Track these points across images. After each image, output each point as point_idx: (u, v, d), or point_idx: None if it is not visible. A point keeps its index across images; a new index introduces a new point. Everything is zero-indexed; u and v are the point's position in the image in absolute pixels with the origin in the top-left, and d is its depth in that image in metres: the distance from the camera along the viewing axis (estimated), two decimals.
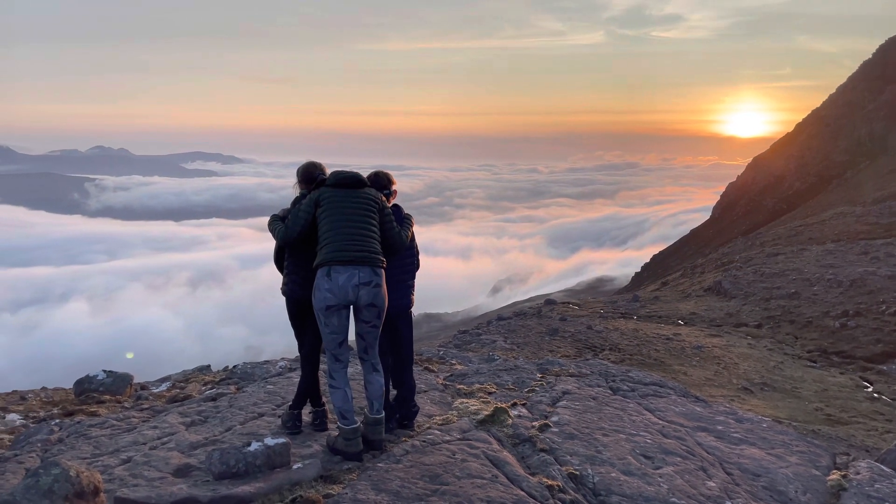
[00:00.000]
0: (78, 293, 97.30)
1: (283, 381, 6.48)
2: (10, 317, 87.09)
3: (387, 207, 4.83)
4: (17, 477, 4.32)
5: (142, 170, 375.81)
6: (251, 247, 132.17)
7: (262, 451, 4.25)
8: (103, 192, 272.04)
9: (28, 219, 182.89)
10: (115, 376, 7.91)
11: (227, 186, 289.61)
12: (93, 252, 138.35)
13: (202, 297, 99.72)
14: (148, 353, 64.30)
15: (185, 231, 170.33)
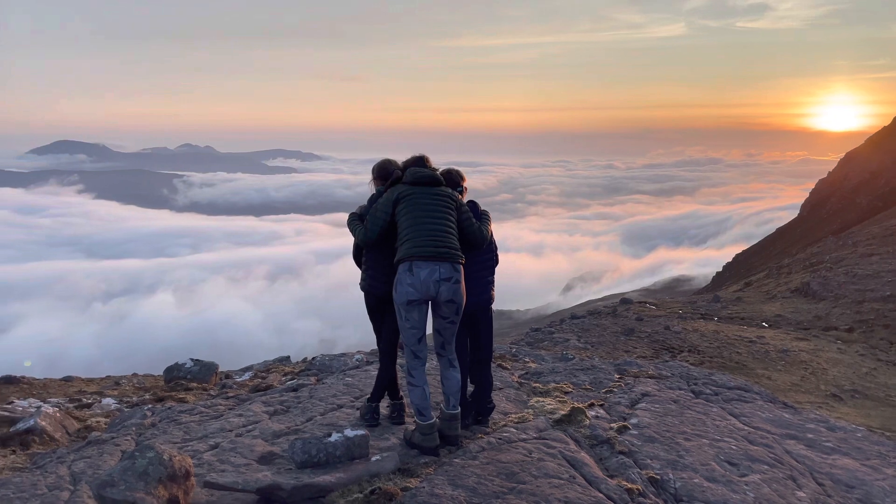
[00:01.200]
0: (164, 285, 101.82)
1: (361, 373, 6.60)
2: (102, 306, 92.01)
3: (464, 204, 4.85)
4: (113, 458, 4.56)
5: (226, 167, 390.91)
6: (327, 242, 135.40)
7: (343, 442, 4.34)
8: (190, 188, 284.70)
9: (120, 213, 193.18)
10: (201, 365, 8.26)
11: (306, 183, 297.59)
12: (179, 245, 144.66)
13: (279, 291, 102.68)
14: (228, 344, 66.69)
15: (264, 226, 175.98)
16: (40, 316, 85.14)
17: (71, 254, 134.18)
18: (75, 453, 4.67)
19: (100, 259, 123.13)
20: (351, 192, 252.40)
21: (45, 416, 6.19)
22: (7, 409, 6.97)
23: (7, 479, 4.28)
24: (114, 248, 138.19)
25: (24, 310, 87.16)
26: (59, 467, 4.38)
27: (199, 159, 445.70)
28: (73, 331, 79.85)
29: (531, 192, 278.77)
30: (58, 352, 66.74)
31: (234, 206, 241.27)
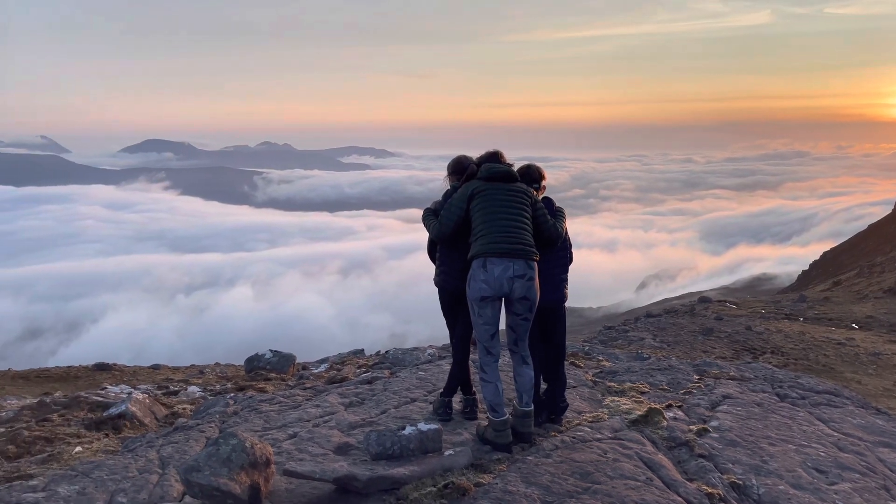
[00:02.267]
0: (243, 278, 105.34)
1: (434, 368, 6.64)
2: (185, 298, 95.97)
3: (539, 201, 4.80)
4: (199, 444, 4.76)
5: (303, 163, 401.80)
6: (398, 237, 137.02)
7: (416, 435, 4.37)
8: (269, 184, 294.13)
9: (203, 209, 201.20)
10: (280, 356, 8.53)
11: (379, 179, 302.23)
12: (256, 240, 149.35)
13: (352, 285, 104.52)
14: (302, 337, 68.35)
15: (338, 222, 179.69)
16: (128, 307, 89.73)
17: (157, 248, 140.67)
18: (163, 438, 4.89)
19: (183, 253, 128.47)
20: (422, 188, 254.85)
21: (135, 401, 6.52)
22: (100, 395, 7.39)
23: (101, 461, 4.52)
24: (196, 243, 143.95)
25: (113, 301, 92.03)
26: (149, 451, 4.60)
27: (277, 157, 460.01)
28: (157, 321, 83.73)
29: (605, 188, 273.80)
30: (143, 341, 70.17)
31: (310, 203, 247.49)
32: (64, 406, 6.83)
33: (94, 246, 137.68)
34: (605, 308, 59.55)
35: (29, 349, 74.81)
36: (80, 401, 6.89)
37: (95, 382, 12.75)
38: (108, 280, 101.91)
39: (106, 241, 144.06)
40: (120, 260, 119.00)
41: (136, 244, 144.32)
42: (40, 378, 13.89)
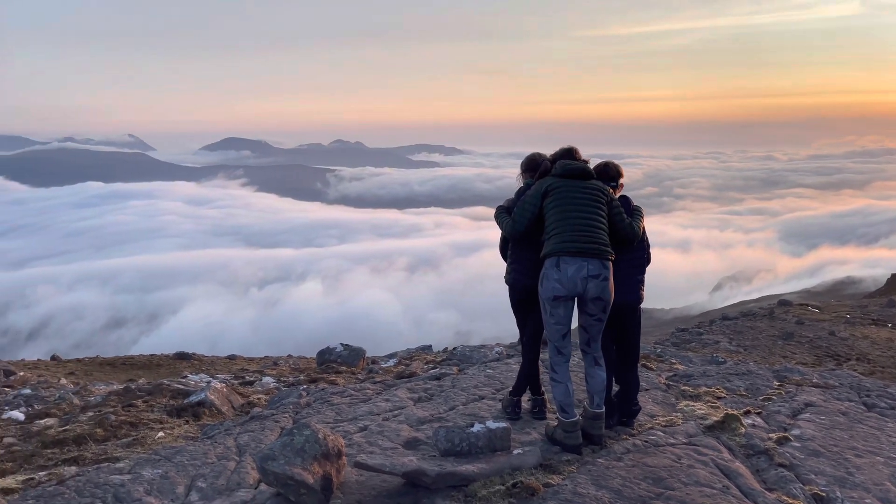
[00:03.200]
0: (313, 273, 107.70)
1: (502, 366, 6.62)
2: (258, 292, 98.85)
3: (615, 199, 4.69)
4: (273, 434, 4.90)
5: (374, 161, 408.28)
6: (465, 235, 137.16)
7: (485, 433, 4.37)
8: (341, 181, 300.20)
9: (278, 205, 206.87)
10: (350, 350, 8.68)
11: (448, 177, 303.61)
12: (327, 237, 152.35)
13: (418, 282, 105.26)
14: (369, 332, 69.30)
15: (406, 219, 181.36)
16: (205, 299, 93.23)
17: (232, 243, 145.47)
18: (240, 427, 5.06)
19: (257, 248, 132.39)
20: (491, 185, 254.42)
21: (214, 390, 6.77)
22: (181, 383, 7.71)
23: (182, 447, 4.72)
24: (270, 238, 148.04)
25: (191, 293, 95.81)
26: (227, 439, 4.77)
27: (349, 154, 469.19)
28: (232, 314, 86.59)
29: (679, 186, 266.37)
30: (219, 332, 72.73)
31: (380, 200, 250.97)
32: (148, 393, 7.17)
33: (174, 240, 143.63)
34: (677, 310, 57.92)
35: (113, 338, 78.85)
36: (163, 388, 7.21)
37: (176, 371, 13.34)
38: (187, 273, 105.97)
39: (186, 236, 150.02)
40: (198, 254, 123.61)
41: (214, 239, 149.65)
42: (125, 365, 14.63)
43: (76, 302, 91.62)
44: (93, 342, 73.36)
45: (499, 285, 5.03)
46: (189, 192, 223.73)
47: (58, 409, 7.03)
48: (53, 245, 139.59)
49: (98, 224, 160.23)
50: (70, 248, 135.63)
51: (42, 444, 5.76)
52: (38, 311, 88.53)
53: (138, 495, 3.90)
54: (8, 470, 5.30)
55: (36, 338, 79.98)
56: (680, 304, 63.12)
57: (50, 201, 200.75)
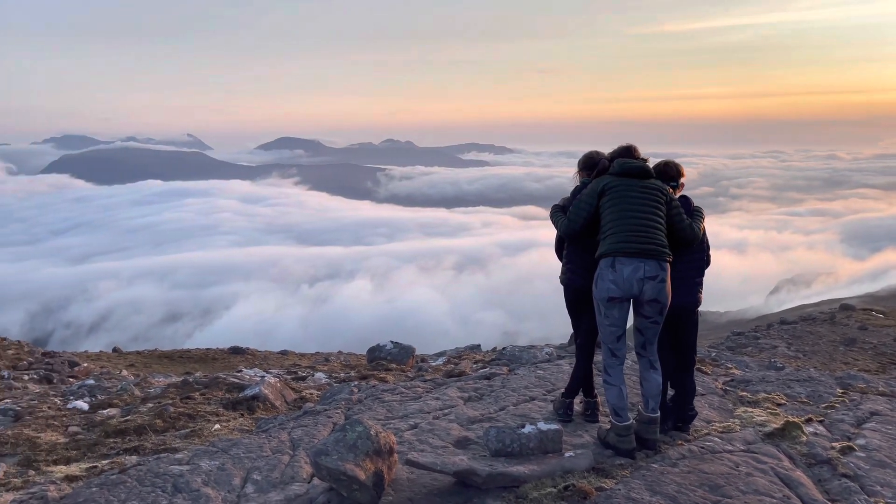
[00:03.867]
0: (362, 271, 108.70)
1: (553, 367, 6.56)
2: (308, 289, 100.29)
3: (674, 199, 4.59)
4: (326, 429, 4.96)
5: (424, 160, 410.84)
6: (513, 234, 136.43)
7: (536, 434, 4.33)
8: (391, 180, 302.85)
9: (329, 204, 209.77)
10: (400, 347, 8.74)
11: (497, 176, 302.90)
12: (375, 235, 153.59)
13: (465, 281, 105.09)
14: (416, 331, 69.50)
15: (454, 218, 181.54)
16: (258, 295, 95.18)
17: (284, 240, 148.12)
18: (294, 421, 5.14)
19: (308, 246, 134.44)
20: (541, 185, 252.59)
21: (268, 385, 6.91)
22: (236, 377, 7.88)
23: (238, 439, 4.82)
24: (320, 236, 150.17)
25: (244, 289, 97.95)
26: (281, 433, 4.85)
27: (400, 154, 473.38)
28: (283, 310, 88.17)
29: (736, 186, 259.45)
30: (270, 328, 74.15)
31: (429, 199, 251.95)
32: (204, 385, 7.35)
33: (229, 237, 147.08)
34: (732, 313, 56.40)
35: (169, 332, 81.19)
36: (219, 381, 7.39)
37: (231, 364, 13.67)
38: (240, 270, 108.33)
39: (240, 233, 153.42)
40: (251, 251, 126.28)
41: (267, 236, 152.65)
42: (182, 358, 15.07)
43: (135, 296, 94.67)
44: (149, 335, 75.70)
45: (547, 285, 4.99)
46: (244, 190, 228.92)
47: (119, 400, 7.28)
48: (114, 241, 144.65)
49: (156, 221, 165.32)
50: (130, 245, 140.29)
51: (105, 434, 5.96)
52: (99, 304, 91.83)
53: (196, 486, 4.00)
54: (72, 458, 5.51)
55: (97, 331, 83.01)
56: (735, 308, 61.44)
57: (112, 199, 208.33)
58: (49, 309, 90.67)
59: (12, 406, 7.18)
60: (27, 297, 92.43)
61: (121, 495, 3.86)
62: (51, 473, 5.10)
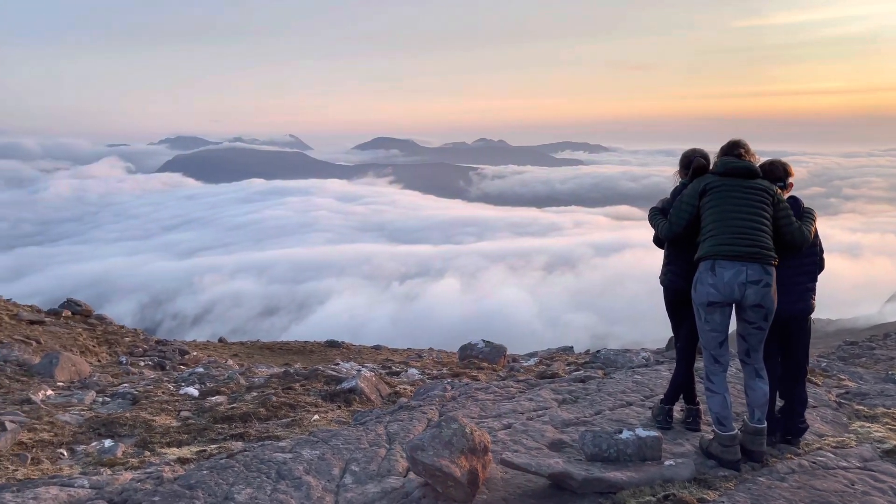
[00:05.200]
0: (451, 270, 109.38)
1: (651, 372, 6.38)
2: (399, 286, 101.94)
3: (783, 200, 4.35)
4: (421, 424, 5.03)
5: (517, 159, 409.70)
6: (605, 235, 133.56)
7: (634, 440, 4.23)
8: (483, 180, 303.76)
9: (420, 202, 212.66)
10: (492, 346, 8.75)
11: (591, 175, 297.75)
12: (465, 234, 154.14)
13: (555, 282, 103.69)
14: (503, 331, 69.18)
15: (545, 217, 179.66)
16: (350, 291, 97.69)
17: (376, 238, 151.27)
18: (390, 415, 5.24)
19: (399, 244, 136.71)
20: (636, 184, 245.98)
21: (364, 378, 7.09)
22: (334, 370, 8.13)
23: (337, 431, 4.97)
24: (411, 235, 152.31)
25: (337, 285, 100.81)
26: (378, 426, 4.96)
27: (492, 153, 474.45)
28: (374, 306, 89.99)
29: (850, 186, 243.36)
30: (361, 324, 75.84)
31: (521, 198, 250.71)
32: (304, 377, 7.63)
33: (324, 235, 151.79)
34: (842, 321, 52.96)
35: (266, 325, 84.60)
36: (318, 374, 7.65)
37: (327, 357, 14.11)
38: (334, 266, 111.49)
39: (335, 231, 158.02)
40: (345, 248, 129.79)
41: (360, 234, 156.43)
42: (282, 350, 15.70)
43: (236, 290, 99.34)
44: (247, 328, 79.17)
45: (640, 287, 4.87)
46: (340, 189, 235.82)
47: (226, 388, 7.67)
48: (219, 237, 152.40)
49: (258, 218, 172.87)
50: (232, 241, 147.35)
51: (213, 420, 6.31)
52: (203, 297, 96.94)
53: (298, 473, 4.16)
54: (184, 441, 5.86)
55: (200, 322, 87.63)
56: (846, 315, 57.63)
57: (218, 197, 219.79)
58: (158, 300, 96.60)
59: (130, 390, 7.72)
60: (139, 289, 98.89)
61: (229, 479, 4.06)
62: (164, 455, 5.44)
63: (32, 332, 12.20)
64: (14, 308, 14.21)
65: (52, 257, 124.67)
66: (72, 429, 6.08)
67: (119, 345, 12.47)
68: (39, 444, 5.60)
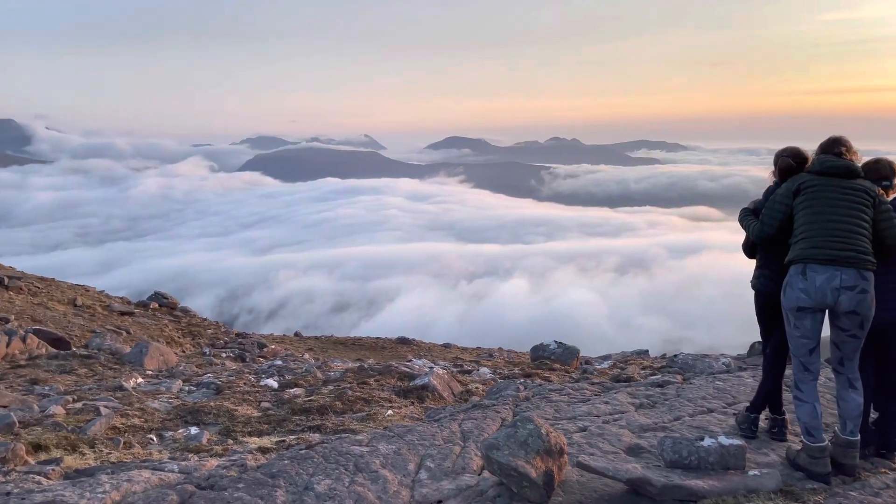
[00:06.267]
0: (519, 270, 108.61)
1: (734, 379, 6.17)
2: (467, 285, 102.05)
3: (885, 202, 4.12)
4: (495, 423, 5.04)
5: (590, 159, 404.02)
6: (681, 236, 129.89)
7: (716, 448, 4.10)
8: (555, 179, 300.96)
9: (490, 201, 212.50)
10: (565, 348, 8.66)
11: (668, 174, 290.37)
12: (535, 233, 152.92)
13: (626, 284, 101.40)
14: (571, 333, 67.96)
15: (617, 217, 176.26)
16: (419, 289, 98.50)
17: (445, 237, 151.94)
18: (463, 413, 5.27)
19: (467, 243, 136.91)
20: (716, 184, 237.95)
21: (436, 376, 7.14)
22: (407, 366, 8.23)
23: (413, 426, 5.03)
24: (480, 234, 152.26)
25: (406, 283, 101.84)
26: (452, 424, 5.00)
27: (565, 152, 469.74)
28: (441, 305, 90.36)
29: None
30: (429, 322, 76.25)
31: (593, 198, 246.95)
32: (379, 373, 7.76)
33: (394, 233, 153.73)
34: None
35: (336, 321, 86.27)
36: (392, 370, 7.77)
37: (398, 354, 14.32)
38: (403, 264, 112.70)
39: (404, 230, 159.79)
40: (414, 247, 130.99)
41: (429, 233, 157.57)
42: (354, 345, 16.02)
43: (308, 286, 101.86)
44: (318, 324, 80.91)
45: (717, 291, 4.71)
46: (412, 188, 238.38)
47: (304, 381, 7.88)
48: (293, 234, 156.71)
49: (331, 217, 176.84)
50: (306, 238, 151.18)
51: (291, 411, 6.49)
52: (278, 293, 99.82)
53: (375, 467, 4.23)
54: (264, 431, 6.05)
55: (274, 317, 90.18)
56: None
57: (295, 195, 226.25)
58: (235, 295, 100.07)
59: (214, 380, 8.04)
60: (218, 284, 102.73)
61: (309, 469, 4.17)
62: (246, 443, 5.64)
63: (123, 323, 12.89)
64: (107, 299, 15.05)
65: (138, 252, 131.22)
66: (161, 415, 6.38)
67: (202, 336, 13.00)
68: (131, 429, 5.90)
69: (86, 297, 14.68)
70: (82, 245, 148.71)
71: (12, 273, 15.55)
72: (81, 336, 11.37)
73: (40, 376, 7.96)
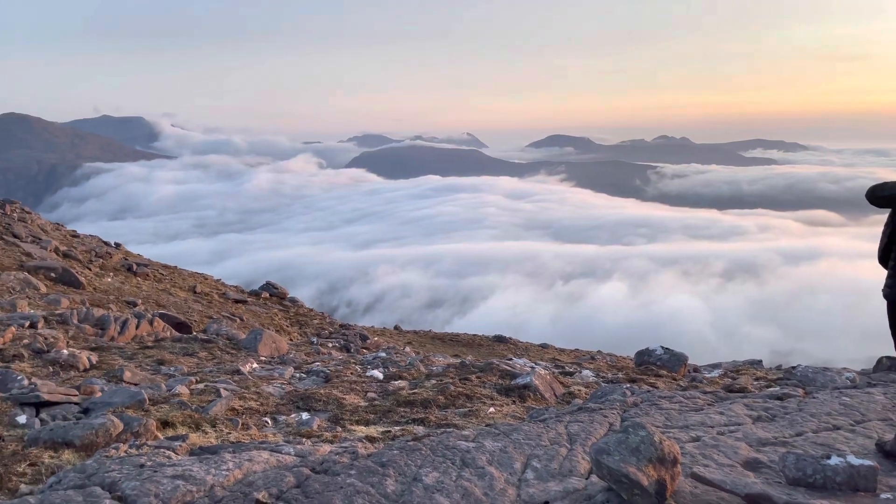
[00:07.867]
0: (618, 272, 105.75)
1: (862, 395, 5.75)
2: (562, 286, 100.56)
3: None
4: (602, 427, 4.94)
5: (700, 158, 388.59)
6: (795, 241, 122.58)
7: (845, 467, 3.85)
8: (662, 179, 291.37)
9: (591, 201, 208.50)
10: (672, 354, 8.37)
11: (785, 176, 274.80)
12: (635, 235, 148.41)
13: (733, 290, 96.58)
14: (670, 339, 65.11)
15: (725, 220, 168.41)
16: (513, 288, 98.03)
17: (542, 236, 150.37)
18: (569, 415, 5.20)
19: (564, 242, 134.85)
20: (838, 186, 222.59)
21: (538, 376, 7.10)
22: (508, 365, 8.22)
23: (518, 425, 5.02)
24: (578, 234, 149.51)
25: (500, 281, 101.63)
26: (558, 425, 4.95)
27: (673, 151, 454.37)
28: (535, 305, 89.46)
29: None
30: (522, 321, 75.65)
31: (701, 199, 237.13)
32: (480, 370, 7.80)
33: (491, 231, 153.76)
34: None
35: (430, 316, 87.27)
36: (493, 367, 7.78)
37: (495, 351, 14.33)
38: (499, 262, 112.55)
39: (501, 228, 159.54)
40: (509, 245, 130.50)
41: (525, 232, 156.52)
42: (451, 341, 16.17)
43: (405, 282, 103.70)
44: (412, 319, 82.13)
45: (834, 301, 4.40)
46: (511, 186, 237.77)
47: (408, 374, 8.04)
48: (393, 231, 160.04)
49: (430, 214, 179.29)
50: (405, 234, 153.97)
51: (396, 403, 6.64)
52: (376, 287, 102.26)
53: (481, 463, 4.26)
54: (371, 420, 6.22)
55: (371, 311, 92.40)
56: None
57: (396, 192, 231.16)
58: (335, 287, 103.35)
59: (322, 369, 8.34)
60: (319, 276, 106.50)
61: (417, 461, 4.25)
62: (353, 431, 5.82)
63: (237, 310, 13.62)
64: (223, 288, 15.95)
65: (248, 244, 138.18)
66: (275, 400, 6.69)
67: (308, 326, 13.53)
68: (248, 412, 6.22)
69: (204, 284, 15.62)
70: (198, 236, 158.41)
71: (140, 260, 16.77)
72: (200, 321, 12.10)
73: (166, 357, 8.54)
